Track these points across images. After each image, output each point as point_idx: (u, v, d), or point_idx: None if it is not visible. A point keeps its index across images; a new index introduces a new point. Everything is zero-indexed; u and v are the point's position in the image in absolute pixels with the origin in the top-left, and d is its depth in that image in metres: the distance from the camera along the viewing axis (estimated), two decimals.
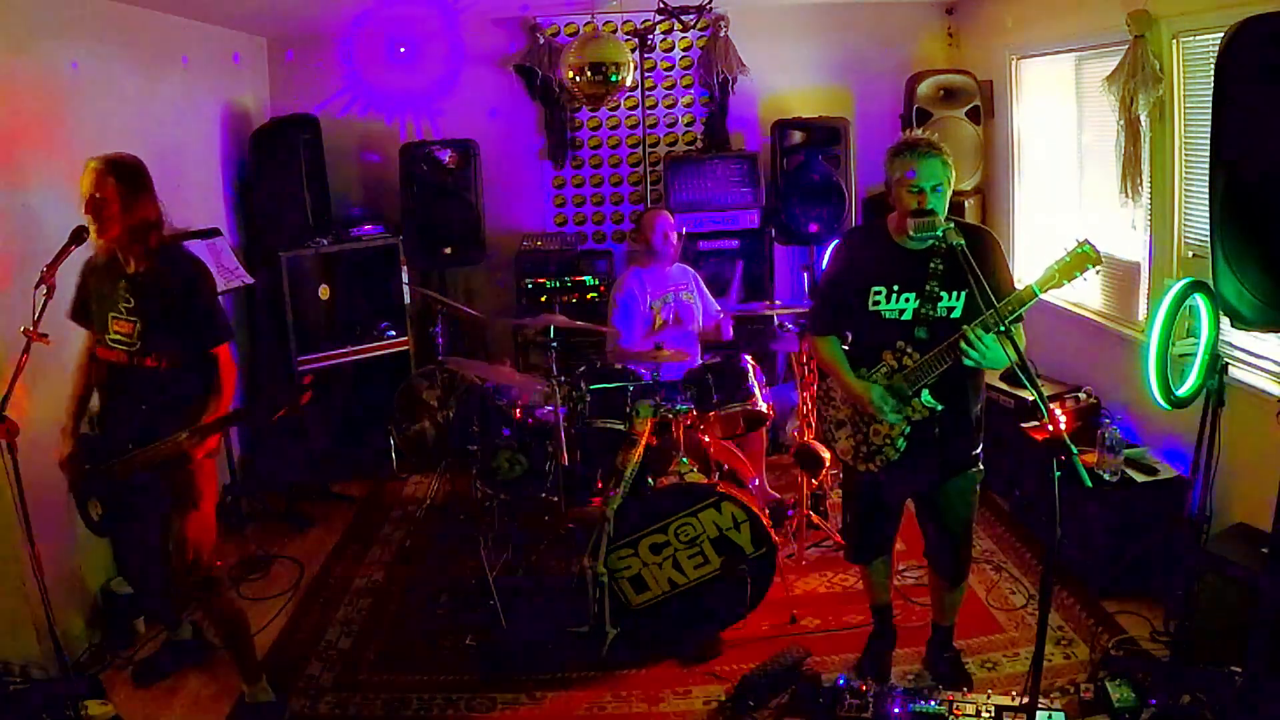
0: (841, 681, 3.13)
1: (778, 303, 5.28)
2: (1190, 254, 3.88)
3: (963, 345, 2.75)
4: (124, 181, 2.97)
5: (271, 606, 4.09)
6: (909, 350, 2.95)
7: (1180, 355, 3.59)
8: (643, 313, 4.60)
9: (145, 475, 3.02)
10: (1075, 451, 2.34)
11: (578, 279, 5.73)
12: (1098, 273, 2.73)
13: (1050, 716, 2.92)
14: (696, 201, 5.77)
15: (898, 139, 3.00)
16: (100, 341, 3.10)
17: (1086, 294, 4.69)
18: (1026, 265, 5.27)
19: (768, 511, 3.85)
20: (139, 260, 3.01)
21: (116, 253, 3.03)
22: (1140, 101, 3.89)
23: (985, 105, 5.50)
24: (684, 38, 6.05)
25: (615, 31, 5.86)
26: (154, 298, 3.01)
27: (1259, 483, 3.22)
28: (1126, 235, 4.28)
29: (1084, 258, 2.70)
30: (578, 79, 4.99)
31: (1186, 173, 3.86)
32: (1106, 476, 3.79)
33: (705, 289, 4.87)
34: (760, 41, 5.98)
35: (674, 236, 4.64)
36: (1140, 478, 3.80)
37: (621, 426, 3.92)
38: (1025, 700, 2.65)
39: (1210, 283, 2.85)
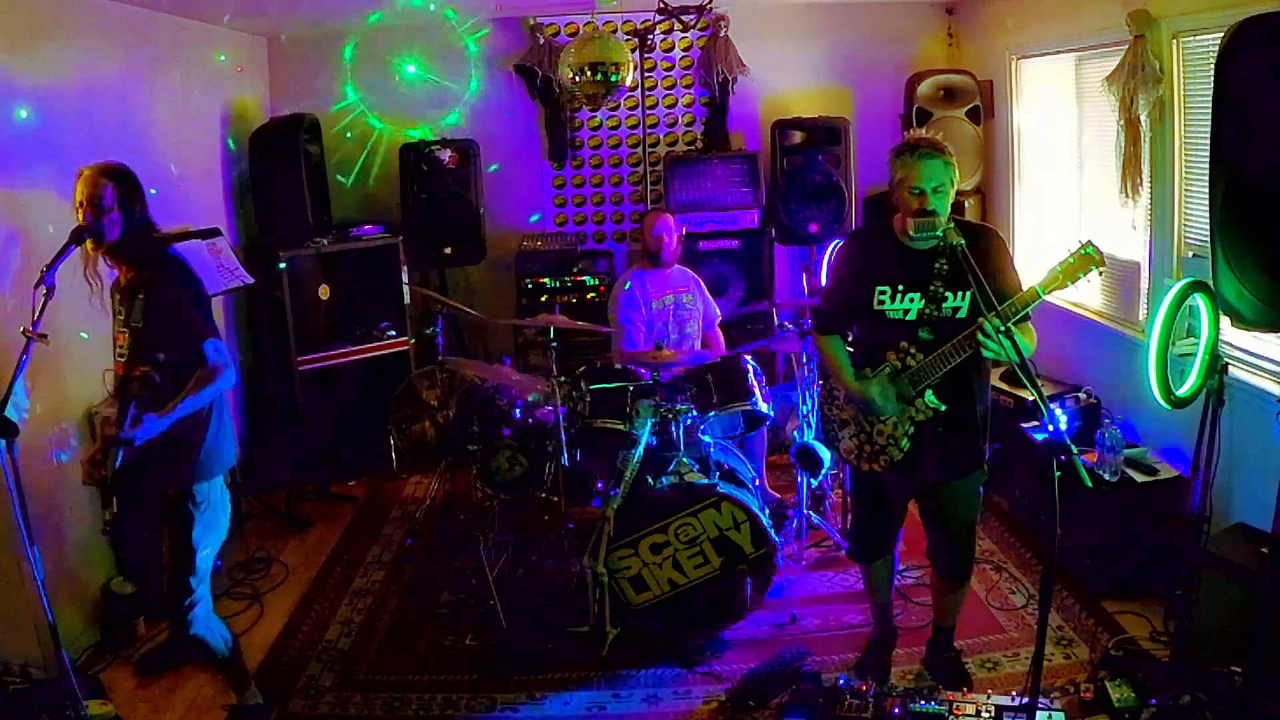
0: (841, 681, 3.13)
1: (778, 303, 5.28)
2: (1190, 254, 3.88)
3: (980, 336, 2.74)
4: (121, 186, 2.96)
5: (271, 606, 4.09)
6: (912, 351, 2.95)
7: (1180, 355, 3.59)
8: (644, 314, 4.60)
9: (154, 485, 2.98)
10: (1075, 451, 2.34)
11: (578, 279, 5.73)
12: (1100, 274, 2.73)
13: (1050, 716, 2.91)
14: (696, 201, 5.77)
15: (900, 139, 2.99)
16: (114, 356, 3.09)
17: (1086, 294, 4.68)
18: (1026, 265, 5.24)
19: (768, 511, 3.85)
20: (128, 269, 2.99)
21: (114, 264, 3.00)
22: (1140, 101, 3.89)
23: (985, 105, 5.50)
24: (684, 38, 6.05)
25: (615, 31, 5.86)
26: (137, 308, 2.92)
27: (1259, 483, 3.23)
28: (1126, 235, 4.28)
29: (1087, 259, 2.69)
30: (578, 79, 4.99)
31: (1186, 173, 3.86)
32: (1106, 476, 3.79)
33: (706, 291, 4.87)
34: (760, 41, 5.98)
35: (673, 239, 4.64)
36: (1140, 478, 3.80)
37: (621, 426, 3.92)
38: (1025, 700, 2.64)
39: (1210, 283, 2.85)
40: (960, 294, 2.91)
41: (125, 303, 2.98)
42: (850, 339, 3.27)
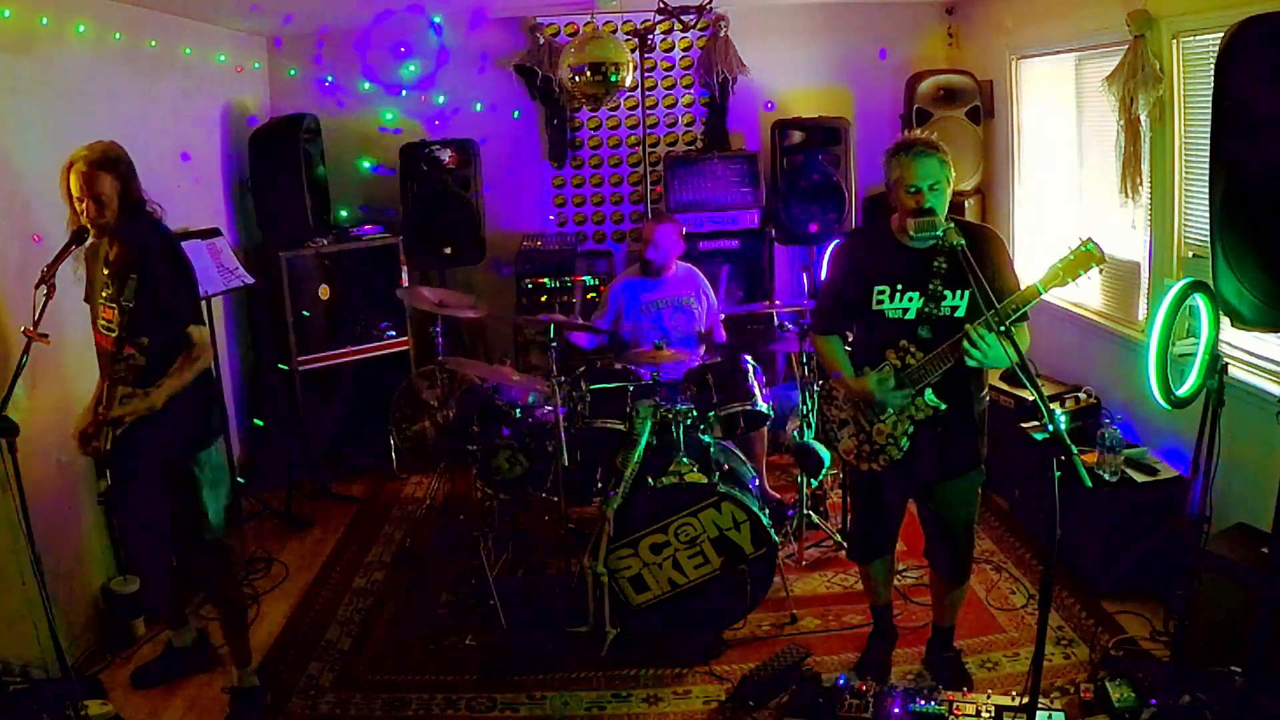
0: (841, 681, 3.13)
1: (778, 303, 5.28)
2: (1190, 254, 3.88)
3: (965, 345, 2.75)
4: (119, 177, 2.96)
5: (271, 606, 4.09)
6: (912, 349, 2.94)
7: (1180, 355, 3.59)
8: (632, 318, 4.61)
9: (153, 460, 3.03)
10: (1075, 451, 2.34)
11: (578, 279, 5.73)
12: (1101, 271, 2.73)
13: (1050, 716, 2.92)
14: (696, 201, 5.77)
15: (896, 139, 3.00)
16: (96, 327, 3.12)
17: (1086, 294, 4.69)
18: (1026, 265, 5.26)
19: (768, 511, 3.85)
20: (120, 246, 3.00)
21: (111, 244, 3.03)
22: (1140, 101, 3.89)
23: (985, 105, 5.50)
24: (684, 38, 6.05)
25: (615, 31, 5.86)
26: (127, 283, 2.96)
27: (1259, 483, 3.23)
28: (1126, 235, 4.27)
29: (1088, 256, 2.69)
30: (578, 79, 4.99)
31: (1186, 173, 3.86)
32: (1106, 476, 3.78)
33: (710, 292, 4.87)
34: (760, 41, 5.98)
35: (664, 250, 4.63)
36: (1140, 478, 3.80)
37: (621, 426, 3.92)
38: (1025, 700, 2.64)
39: (1210, 283, 2.85)
40: (959, 293, 2.91)
41: (115, 279, 2.98)
42: (849, 339, 3.27)
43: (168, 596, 3.59)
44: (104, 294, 3.02)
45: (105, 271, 3.01)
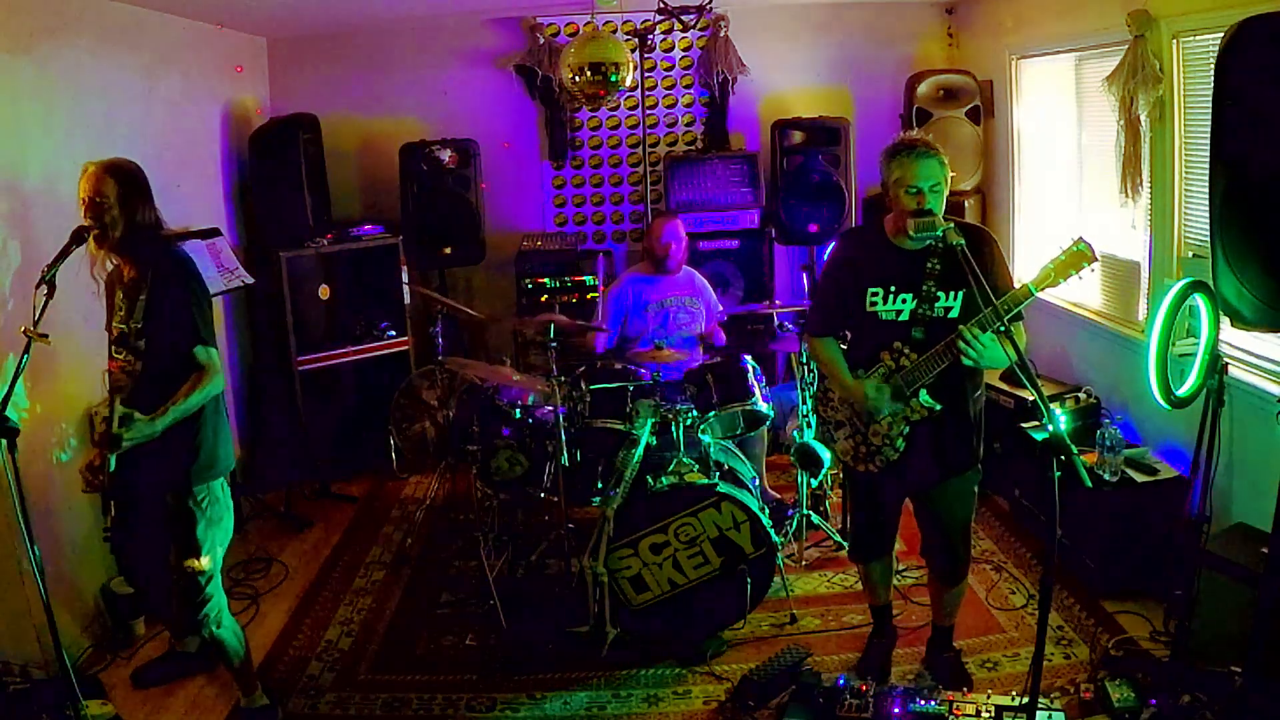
0: (841, 681, 3.13)
1: (778, 303, 5.28)
2: (1190, 254, 3.88)
3: (960, 345, 2.76)
4: (124, 184, 2.95)
5: (271, 606, 4.09)
6: (906, 351, 2.95)
7: (1180, 355, 3.59)
8: (638, 317, 4.61)
9: (154, 489, 2.99)
10: (1075, 451, 2.34)
11: (578, 279, 5.73)
12: (1094, 270, 2.73)
13: (1050, 716, 2.92)
14: (696, 201, 5.78)
15: (892, 140, 3.00)
16: (111, 356, 3.06)
17: (1086, 294, 4.69)
18: (1026, 265, 5.27)
19: (768, 511, 3.85)
20: (132, 267, 2.99)
21: (119, 262, 3.00)
22: (1140, 101, 3.89)
23: (985, 105, 5.50)
24: (684, 38, 6.05)
25: (615, 31, 5.86)
26: (139, 308, 2.94)
27: (1259, 483, 3.23)
28: (1126, 235, 4.28)
29: (1080, 255, 2.70)
30: (577, 79, 4.99)
31: (1186, 173, 3.86)
32: (1106, 476, 3.78)
33: (710, 292, 4.87)
34: (760, 41, 5.98)
35: (681, 246, 4.64)
36: (1140, 478, 3.80)
37: (621, 426, 3.92)
38: (1025, 700, 2.64)
39: (1210, 283, 2.85)
40: (953, 294, 2.91)
41: (127, 300, 2.98)
42: (845, 340, 3.27)
43: (169, 616, 3.55)
44: (120, 315, 2.99)
45: (119, 294, 2.99)
